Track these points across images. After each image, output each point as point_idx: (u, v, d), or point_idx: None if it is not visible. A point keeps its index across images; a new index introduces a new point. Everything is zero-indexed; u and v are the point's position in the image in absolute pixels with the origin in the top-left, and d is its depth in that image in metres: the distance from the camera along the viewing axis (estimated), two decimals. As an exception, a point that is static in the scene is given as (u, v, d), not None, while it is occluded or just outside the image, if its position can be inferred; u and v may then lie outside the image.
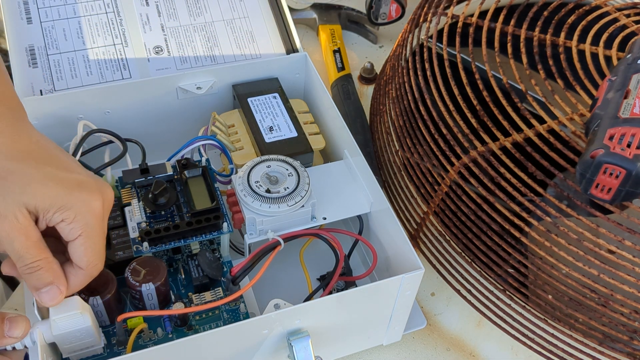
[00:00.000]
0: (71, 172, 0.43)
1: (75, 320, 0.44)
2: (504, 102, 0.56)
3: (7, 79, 0.46)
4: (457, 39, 0.62)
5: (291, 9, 0.77)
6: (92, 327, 0.45)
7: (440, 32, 0.64)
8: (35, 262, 0.41)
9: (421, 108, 0.60)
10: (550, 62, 0.59)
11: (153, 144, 0.62)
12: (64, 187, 0.41)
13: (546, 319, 0.56)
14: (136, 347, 0.49)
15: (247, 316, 0.53)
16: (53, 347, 0.46)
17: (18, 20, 0.66)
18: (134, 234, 0.52)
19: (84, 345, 0.46)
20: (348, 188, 0.58)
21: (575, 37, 0.61)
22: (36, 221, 0.41)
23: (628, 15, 0.64)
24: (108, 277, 0.50)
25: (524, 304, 0.57)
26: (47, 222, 0.41)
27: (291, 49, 0.70)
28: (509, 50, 0.60)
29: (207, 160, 0.58)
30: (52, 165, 0.42)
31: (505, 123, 0.55)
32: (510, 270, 0.56)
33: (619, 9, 0.65)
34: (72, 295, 0.44)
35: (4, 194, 0.39)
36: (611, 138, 0.47)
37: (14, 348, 0.43)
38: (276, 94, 0.65)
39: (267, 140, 0.60)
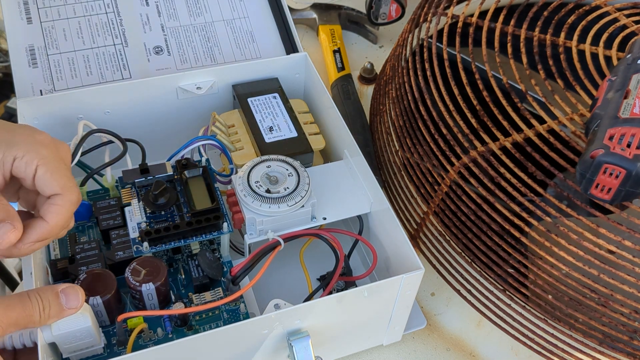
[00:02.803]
0: (17, 125, 0.45)
1: (76, 320, 0.44)
2: (504, 102, 0.56)
3: None
4: (457, 39, 0.62)
5: (291, 9, 0.77)
6: (93, 327, 0.45)
7: (440, 32, 0.64)
8: None
9: (421, 108, 0.60)
10: (550, 62, 0.59)
11: (153, 144, 0.62)
12: (8, 132, 0.43)
13: (546, 319, 0.56)
14: (136, 347, 0.49)
15: (247, 316, 0.53)
16: (53, 347, 0.46)
17: (18, 20, 0.66)
18: (134, 234, 0.52)
19: (84, 345, 0.46)
20: (348, 188, 0.58)
21: (575, 37, 0.61)
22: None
23: (628, 15, 0.64)
24: (108, 277, 0.50)
25: (524, 304, 0.57)
26: (2, 169, 0.42)
27: (291, 49, 0.70)
28: (509, 50, 0.60)
29: (207, 160, 0.58)
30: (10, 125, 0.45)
31: (505, 123, 0.55)
32: (510, 270, 0.56)
33: (619, 9, 0.65)
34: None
35: None
36: (611, 138, 0.47)
37: (24, 345, 0.43)
38: (276, 94, 0.65)
39: (267, 141, 0.60)
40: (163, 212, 0.53)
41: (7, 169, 0.42)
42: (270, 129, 0.62)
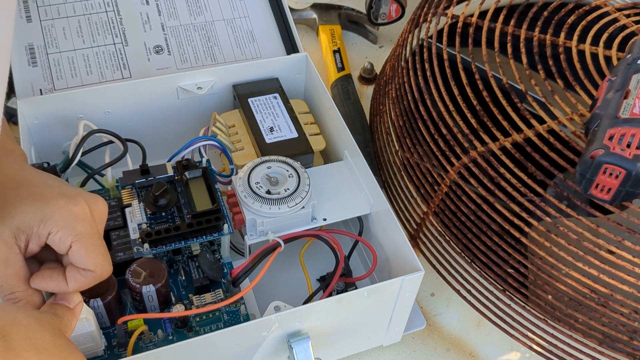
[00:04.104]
0: (50, 187, 0.42)
1: (79, 325, 0.44)
2: (504, 102, 0.56)
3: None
4: (457, 39, 0.62)
5: (291, 9, 0.77)
6: (95, 331, 0.45)
7: (440, 32, 0.64)
8: (14, 293, 0.40)
9: (421, 108, 0.60)
10: (550, 62, 0.59)
11: (153, 144, 0.62)
12: (40, 200, 0.40)
13: (546, 319, 0.56)
14: (137, 350, 0.49)
15: (247, 318, 0.53)
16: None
17: (17, 18, 0.66)
18: (134, 235, 0.52)
19: (86, 349, 0.46)
20: (348, 189, 0.58)
21: (575, 37, 0.61)
22: (27, 245, 0.40)
23: (628, 15, 0.64)
24: (108, 278, 0.50)
25: (524, 304, 0.57)
26: (37, 241, 0.40)
27: (291, 49, 0.70)
28: (509, 50, 0.60)
29: (208, 160, 0.58)
30: (29, 185, 0.42)
31: (505, 123, 0.55)
32: (510, 270, 0.56)
33: (619, 9, 0.65)
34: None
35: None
36: (611, 138, 0.47)
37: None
38: (276, 94, 0.65)
39: (267, 141, 0.60)
40: (163, 213, 0.53)
41: (41, 241, 0.41)
42: (271, 129, 0.61)
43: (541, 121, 0.55)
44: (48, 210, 0.40)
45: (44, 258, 0.43)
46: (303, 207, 0.53)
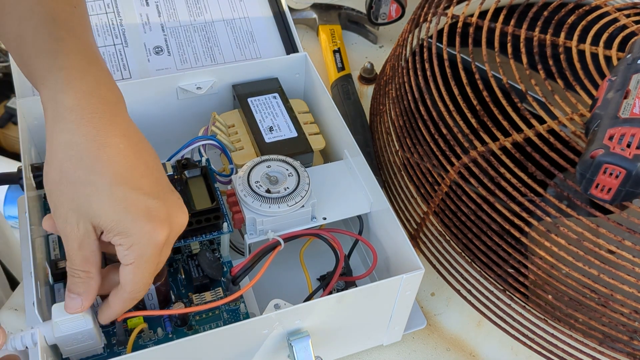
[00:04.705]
0: (145, 193, 0.41)
1: (78, 322, 0.44)
2: (504, 102, 0.56)
3: (102, 62, 0.44)
4: (457, 39, 0.62)
5: (291, 9, 0.77)
6: (94, 329, 0.45)
7: (440, 32, 0.64)
8: (77, 270, 0.41)
9: (421, 108, 0.60)
10: (550, 62, 0.59)
11: (153, 144, 0.61)
12: (130, 213, 0.40)
13: (546, 319, 0.56)
14: (136, 347, 0.49)
15: (247, 316, 0.53)
16: (54, 347, 0.46)
17: (18, 20, 0.66)
18: (134, 234, 0.52)
19: (86, 347, 0.46)
20: (348, 188, 0.58)
21: (575, 37, 0.61)
22: (102, 233, 0.41)
23: (628, 15, 0.64)
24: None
25: (524, 304, 0.57)
26: (109, 240, 0.41)
27: (291, 49, 0.70)
28: (509, 50, 0.60)
29: (207, 160, 0.58)
30: (128, 182, 0.40)
31: (505, 123, 0.55)
32: (510, 270, 0.56)
33: (619, 9, 0.65)
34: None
35: (75, 203, 0.39)
36: (611, 138, 0.47)
37: (23, 348, 0.43)
38: (276, 94, 0.65)
39: (267, 141, 0.60)
40: (163, 212, 0.53)
41: (108, 246, 0.41)
42: (270, 129, 0.62)
43: (541, 121, 0.55)
44: (132, 229, 0.40)
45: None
46: (303, 206, 0.53)
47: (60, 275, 0.52)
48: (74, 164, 0.39)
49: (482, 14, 0.64)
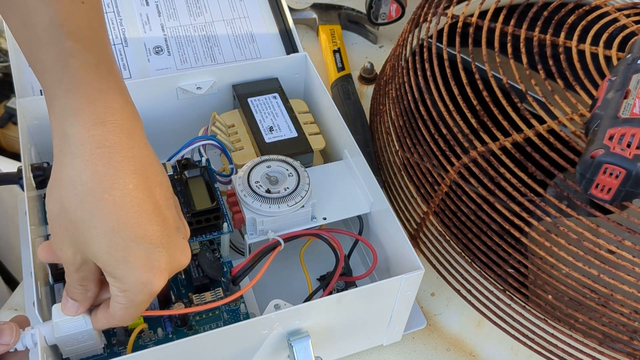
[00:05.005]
0: (149, 242, 0.38)
1: (78, 323, 0.44)
2: (504, 102, 0.56)
3: (116, 74, 0.40)
4: (457, 39, 0.62)
5: (291, 9, 0.77)
6: (94, 329, 0.45)
7: (440, 32, 0.64)
8: (75, 285, 0.41)
9: (421, 108, 0.60)
10: (550, 62, 0.59)
11: (153, 144, 0.61)
12: (129, 263, 0.37)
13: (546, 319, 0.56)
14: (136, 348, 0.49)
15: (247, 316, 0.53)
16: (54, 347, 0.46)
17: (18, 20, 0.66)
18: (134, 234, 0.52)
19: (85, 347, 0.46)
20: (348, 188, 0.58)
21: (575, 37, 0.61)
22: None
23: (628, 15, 0.64)
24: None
25: (524, 304, 0.57)
26: (103, 279, 0.40)
27: (291, 49, 0.70)
28: (509, 50, 0.60)
29: (207, 160, 0.58)
30: (131, 229, 0.37)
31: (505, 123, 0.55)
32: (510, 270, 0.56)
33: (619, 9, 0.65)
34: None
35: (74, 240, 0.37)
36: (611, 138, 0.47)
37: (15, 349, 0.43)
38: (276, 94, 0.65)
39: (267, 141, 0.60)
40: (163, 212, 0.53)
41: (105, 281, 0.40)
42: (271, 129, 0.62)
43: (541, 121, 0.55)
44: (126, 277, 0.38)
45: None
46: (303, 206, 0.53)
47: (60, 275, 0.52)
48: (76, 204, 0.37)
49: (482, 14, 0.64)
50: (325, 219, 0.55)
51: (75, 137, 0.37)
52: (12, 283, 0.82)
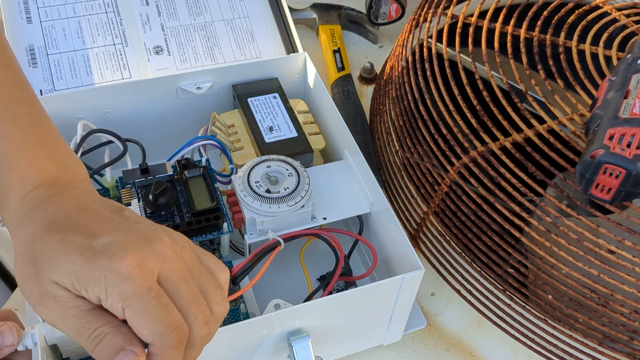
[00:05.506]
0: (105, 234, 0.35)
1: None
2: (504, 102, 0.56)
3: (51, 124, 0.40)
4: (457, 39, 0.62)
5: (291, 9, 0.77)
6: None
7: (440, 32, 0.64)
8: (98, 329, 0.34)
9: (421, 108, 0.60)
10: (550, 62, 0.59)
11: (153, 144, 0.62)
12: (87, 259, 0.34)
13: (546, 319, 0.56)
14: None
15: (247, 316, 0.53)
16: (54, 347, 0.46)
17: (18, 19, 0.66)
18: (134, 234, 0.52)
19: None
20: (348, 188, 0.58)
21: (575, 37, 0.61)
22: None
23: (628, 15, 0.64)
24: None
25: (524, 304, 0.57)
26: (91, 298, 0.34)
27: (291, 49, 0.70)
28: (509, 50, 0.60)
29: (207, 160, 0.58)
30: (86, 231, 0.35)
31: (505, 123, 0.55)
32: (510, 270, 0.56)
33: (619, 9, 0.65)
34: None
35: (37, 278, 0.35)
36: (611, 138, 0.47)
37: (16, 350, 0.43)
38: (276, 94, 0.65)
39: (267, 141, 0.60)
40: (163, 212, 0.53)
41: (97, 302, 0.35)
42: (270, 129, 0.62)
43: (541, 121, 0.55)
44: (94, 273, 0.34)
45: None
46: (303, 206, 0.53)
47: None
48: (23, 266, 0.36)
49: (482, 14, 0.64)
50: (325, 218, 0.55)
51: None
52: (12, 283, 0.82)
